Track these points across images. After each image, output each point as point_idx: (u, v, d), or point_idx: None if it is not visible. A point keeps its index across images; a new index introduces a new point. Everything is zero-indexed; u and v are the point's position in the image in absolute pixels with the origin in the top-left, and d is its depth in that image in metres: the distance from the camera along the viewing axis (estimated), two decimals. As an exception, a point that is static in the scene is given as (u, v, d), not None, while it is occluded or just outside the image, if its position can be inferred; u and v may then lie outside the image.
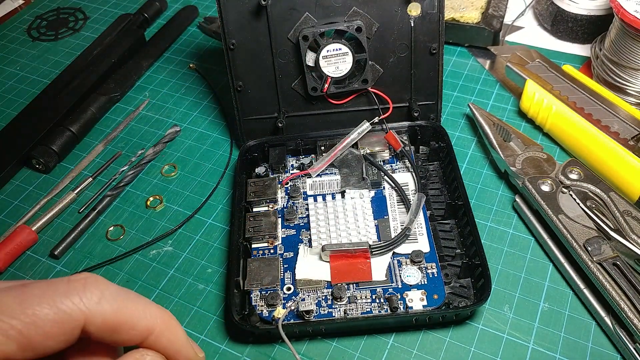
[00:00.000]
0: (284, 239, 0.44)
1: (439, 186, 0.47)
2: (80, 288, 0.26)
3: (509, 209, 0.47)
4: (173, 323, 0.30)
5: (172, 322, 0.29)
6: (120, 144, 0.56)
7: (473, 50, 0.62)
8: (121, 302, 0.27)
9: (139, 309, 0.28)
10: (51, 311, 0.25)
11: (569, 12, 0.60)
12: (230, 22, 0.47)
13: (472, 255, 0.41)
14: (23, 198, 0.52)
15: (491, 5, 0.62)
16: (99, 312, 0.26)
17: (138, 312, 0.28)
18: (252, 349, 0.40)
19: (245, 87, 0.50)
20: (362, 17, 0.47)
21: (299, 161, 0.51)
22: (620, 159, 0.45)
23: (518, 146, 0.48)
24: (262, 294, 0.41)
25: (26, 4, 0.77)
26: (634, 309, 0.37)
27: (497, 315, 0.41)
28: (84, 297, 0.26)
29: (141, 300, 0.28)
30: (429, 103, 0.50)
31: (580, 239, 0.40)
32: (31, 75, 0.66)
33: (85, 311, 0.25)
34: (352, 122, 0.50)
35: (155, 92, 0.62)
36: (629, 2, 0.49)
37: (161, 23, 0.70)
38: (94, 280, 0.27)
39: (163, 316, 0.29)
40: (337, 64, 0.47)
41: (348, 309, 0.39)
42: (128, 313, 0.27)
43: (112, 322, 0.26)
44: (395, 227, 0.44)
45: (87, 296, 0.26)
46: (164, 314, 0.29)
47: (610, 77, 0.53)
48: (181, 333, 0.30)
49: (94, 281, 0.26)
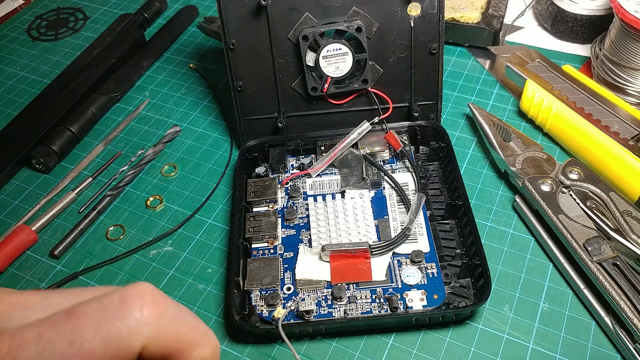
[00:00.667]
0: (284, 239, 0.44)
1: (439, 186, 0.47)
2: (137, 312, 0.22)
3: (509, 209, 0.47)
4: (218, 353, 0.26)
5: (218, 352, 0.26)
6: (120, 144, 0.56)
7: (473, 50, 0.62)
8: (179, 326, 0.24)
9: (197, 334, 0.25)
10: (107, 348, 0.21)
11: (569, 12, 0.60)
12: (230, 22, 0.47)
13: (472, 255, 0.41)
14: (23, 198, 0.52)
15: (491, 5, 0.62)
16: (155, 340, 0.23)
17: (197, 337, 0.25)
18: (252, 349, 0.40)
19: (245, 87, 0.50)
20: (362, 17, 0.47)
21: (299, 161, 0.51)
22: (620, 159, 0.45)
23: (518, 146, 0.48)
24: (262, 294, 0.41)
25: (26, 4, 0.77)
26: (634, 309, 0.37)
27: (497, 315, 0.41)
28: (141, 323, 0.22)
29: (200, 324, 0.25)
30: (429, 103, 0.50)
31: (580, 239, 0.40)
32: (31, 75, 0.66)
33: (143, 341, 0.22)
34: (352, 122, 0.50)
35: (155, 92, 0.62)
36: (629, 2, 0.49)
37: (161, 23, 0.70)
38: (151, 300, 0.22)
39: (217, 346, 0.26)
40: (337, 64, 0.47)
41: (348, 309, 0.39)
42: (185, 338, 0.24)
43: (169, 349, 0.23)
44: (395, 227, 0.44)
45: (145, 320, 0.22)
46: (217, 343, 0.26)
47: (610, 77, 0.53)
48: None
49: (152, 301, 0.22)
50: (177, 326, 0.23)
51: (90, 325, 0.21)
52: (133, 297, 0.22)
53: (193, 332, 0.24)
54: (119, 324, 0.21)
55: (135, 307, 0.22)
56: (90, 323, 0.21)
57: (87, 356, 0.21)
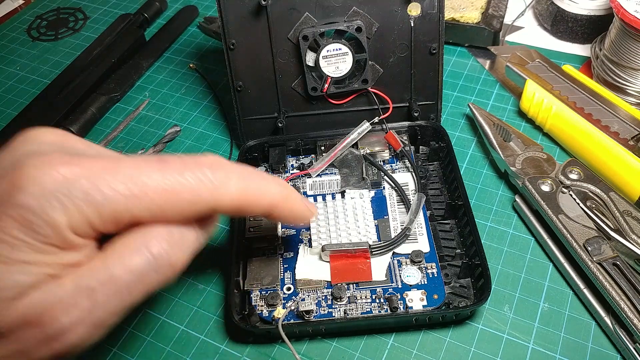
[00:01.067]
0: (284, 239, 0.44)
1: (439, 186, 0.47)
2: (209, 171, 0.27)
3: (509, 209, 0.47)
4: (292, 196, 0.32)
5: (291, 195, 0.31)
6: (120, 144, 0.56)
7: (473, 50, 0.62)
8: (246, 184, 0.28)
9: (262, 187, 0.29)
10: (187, 195, 0.26)
11: (569, 12, 0.60)
12: (230, 22, 0.47)
13: (472, 255, 0.41)
14: (23, 198, 0.52)
15: (491, 5, 0.62)
16: (227, 196, 0.27)
17: (261, 190, 0.29)
18: (252, 349, 0.40)
19: (245, 87, 0.50)
20: (362, 17, 0.47)
21: (299, 161, 0.51)
22: (620, 159, 0.45)
23: (518, 146, 0.48)
24: (262, 294, 0.41)
25: (26, 4, 0.77)
26: (634, 309, 0.37)
27: (497, 315, 0.41)
28: (214, 179, 0.27)
29: (264, 178, 0.30)
30: (429, 103, 0.50)
31: (580, 239, 0.40)
32: (31, 75, 0.66)
33: (216, 197, 0.27)
34: (352, 122, 0.50)
35: (155, 92, 0.62)
36: (629, 2, 0.49)
37: (161, 23, 0.70)
38: (219, 162, 0.27)
39: (283, 192, 0.31)
40: (337, 64, 0.47)
41: (348, 309, 0.39)
42: (252, 192, 0.28)
43: (238, 204, 0.28)
44: (395, 227, 0.44)
45: (218, 179, 0.27)
46: (285, 189, 0.31)
47: (610, 77, 0.53)
48: (299, 202, 0.32)
49: (219, 163, 0.27)
50: (244, 181, 0.28)
51: (175, 176, 0.26)
52: (205, 161, 0.27)
53: (258, 184, 0.29)
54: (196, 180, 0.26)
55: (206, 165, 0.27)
56: (176, 173, 0.26)
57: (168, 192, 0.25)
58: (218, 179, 0.27)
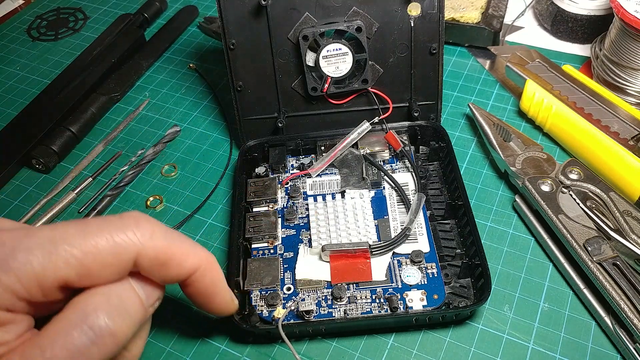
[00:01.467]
0: (284, 239, 0.44)
1: (439, 186, 0.47)
2: (133, 224, 0.27)
3: (509, 209, 0.47)
4: (216, 266, 0.31)
5: (215, 265, 0.31)
6: (120, 144, 0.56)
7: (473, 50, 0.62)
8: (171, 240, 0.28)
9: (186, 247, 0.29)
10: (108, 243, 0.26)
11: (569, 12, 0.60)
12: (230, 22, 0.47)
13: (472, 255, 0.41)
14: (23, 198, 0.52)
15: (491, 5, 0.62)
16: (150, 247, 0.27)
17: (186, 249, 0.29)
18: (252, 349, 0.40)
19: (245, 87, 0.50)
20: (362, 17, 0.47)
21: (299, 161, 0.51)
22: (620, 159, 0.45)
23: (518, 146, 0.48)
24: (262, 294, 0.41)
25: (26, 4, 0.77)
26: (634, 309, 0.37)
27: (497, 315, 0.41)
28: (137, 232, 0.27)
29: (188, 240, 0.30)
30: (429, 103, 0.50)
31: (580, 239, 0.40)
32: (31, 75, 0.66)
33: (139, 245, 0.27)
34: (352, 122, 0.50)
35: (155, 92, 0.62)
36: (629, 2, 0.49)
37: (161, 23, 0.70)
38: (145, 218, 0.28)
39: (208, 257, 0.31)
40: (337, 64, 0.47)
41: (348, 309, 0.39)
42: (177, 250, 0.28)
43: (163, 257, 0.28)
44: (395, 227, 0.44)
45: (141, 231, 0.27)
46: (209, 256, 0.31)
47: (610, 77, 0.53)
48: (222, 276, 0.32)
49: (146, 219, 0.28)
50: (169, 239, 0.28)
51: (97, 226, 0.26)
52: (130, 216, 0.27)
53: (183, 244, 0.29)
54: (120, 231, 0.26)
55: (132, 220, 0.27)
56: (98, 225, 0.26)
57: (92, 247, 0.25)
58: (142, 229, 0.27)
